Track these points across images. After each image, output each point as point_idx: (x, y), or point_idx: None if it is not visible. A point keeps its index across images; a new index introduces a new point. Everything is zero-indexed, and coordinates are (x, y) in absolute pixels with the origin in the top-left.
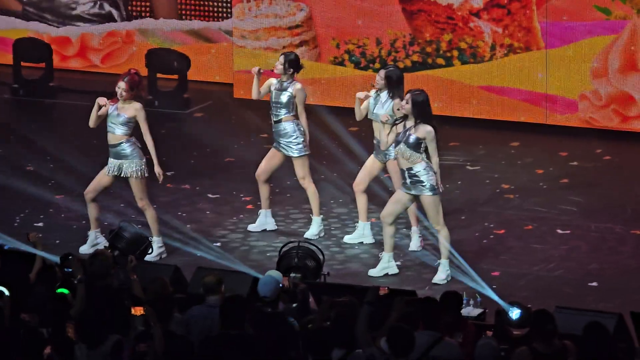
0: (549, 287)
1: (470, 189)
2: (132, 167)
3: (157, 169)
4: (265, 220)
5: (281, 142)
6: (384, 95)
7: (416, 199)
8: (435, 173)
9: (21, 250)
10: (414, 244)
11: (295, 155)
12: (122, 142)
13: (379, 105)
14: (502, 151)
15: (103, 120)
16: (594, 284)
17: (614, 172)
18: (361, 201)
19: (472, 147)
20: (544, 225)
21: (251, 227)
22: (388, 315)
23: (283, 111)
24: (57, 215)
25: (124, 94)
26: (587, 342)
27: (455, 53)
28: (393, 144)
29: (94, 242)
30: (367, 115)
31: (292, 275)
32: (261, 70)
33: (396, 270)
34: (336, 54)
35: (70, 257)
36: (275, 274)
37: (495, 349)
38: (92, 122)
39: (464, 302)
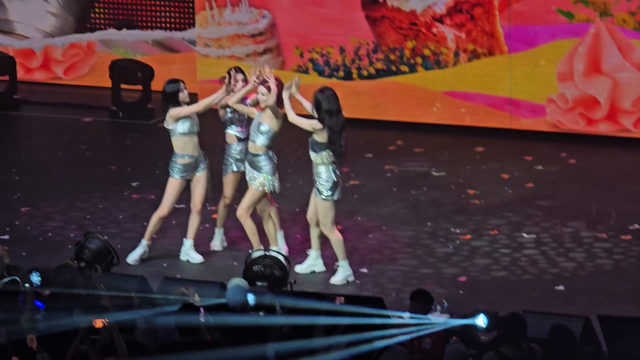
0: (516, 291)
1: (435, 195)
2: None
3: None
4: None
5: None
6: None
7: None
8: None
9: None
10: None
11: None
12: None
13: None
14: (467, 157)
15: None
16: (561, 287)
17: (579, 175)
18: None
19: (437, 153)
20: (510, 229)
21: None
22: None
23: None
24: (23, 228)
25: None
26: (552, 345)
27: (419, 60)
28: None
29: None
30: None
31: (259, 283)
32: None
33: (323, 268)
34: (300, 62)
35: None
36: (241, 282)
37: (464, 354)
38: None
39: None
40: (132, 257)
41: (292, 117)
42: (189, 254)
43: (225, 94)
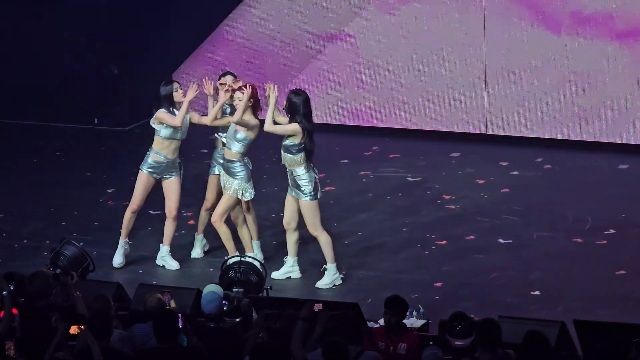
0: (491, 297)
1: (411, 201)
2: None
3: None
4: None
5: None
6: None
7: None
8: (315, 179)
9: None
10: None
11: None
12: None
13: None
14: (442, 162)
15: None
16: (537, 292)
17: (555, 180)
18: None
19: (413, 159)
20: (485, 235)
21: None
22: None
23: None
24: None
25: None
26: (526, 351)
27: None
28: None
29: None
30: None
31: (235, 290)
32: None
33: (299, 274)
34: None
35: None
36: (216, 288)
37: (441, 359)
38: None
39: (407, 313)
40: (116, 260)
41: (270, 127)
42: (166, 260)
43: (193, 94)
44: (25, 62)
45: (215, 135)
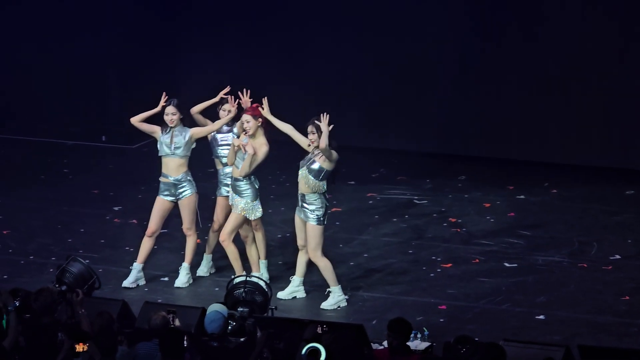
0: (496, 320)
1: (417, 223)
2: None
3: None
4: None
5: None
6: None
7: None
8: (326, 205)
9: None
10: (181, 280)
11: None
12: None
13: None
14: (449, 185)
15: None
16: (541, 316)
17: (561, 205)
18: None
19: (420, 181)
20: (491, 258)
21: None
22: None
23: None
24: (5, 251)
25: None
26: None
27: None
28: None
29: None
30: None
31: (240, 309)
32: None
33: (304, 294)
34: None
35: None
36: (220, 308)
37: None
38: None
39: (411, 335)
40: (127, 281)
41: (326, 147)
42: (180, 274)
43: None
44: (35, 80)
45: (213, 157)
